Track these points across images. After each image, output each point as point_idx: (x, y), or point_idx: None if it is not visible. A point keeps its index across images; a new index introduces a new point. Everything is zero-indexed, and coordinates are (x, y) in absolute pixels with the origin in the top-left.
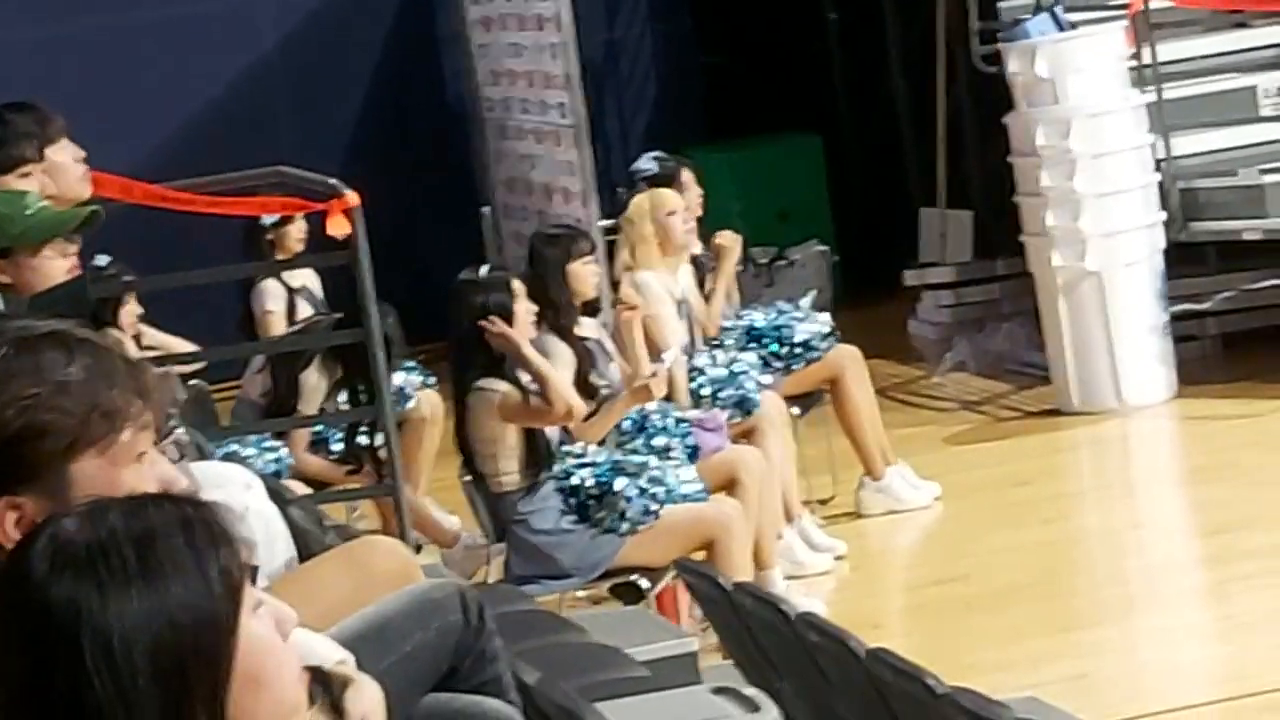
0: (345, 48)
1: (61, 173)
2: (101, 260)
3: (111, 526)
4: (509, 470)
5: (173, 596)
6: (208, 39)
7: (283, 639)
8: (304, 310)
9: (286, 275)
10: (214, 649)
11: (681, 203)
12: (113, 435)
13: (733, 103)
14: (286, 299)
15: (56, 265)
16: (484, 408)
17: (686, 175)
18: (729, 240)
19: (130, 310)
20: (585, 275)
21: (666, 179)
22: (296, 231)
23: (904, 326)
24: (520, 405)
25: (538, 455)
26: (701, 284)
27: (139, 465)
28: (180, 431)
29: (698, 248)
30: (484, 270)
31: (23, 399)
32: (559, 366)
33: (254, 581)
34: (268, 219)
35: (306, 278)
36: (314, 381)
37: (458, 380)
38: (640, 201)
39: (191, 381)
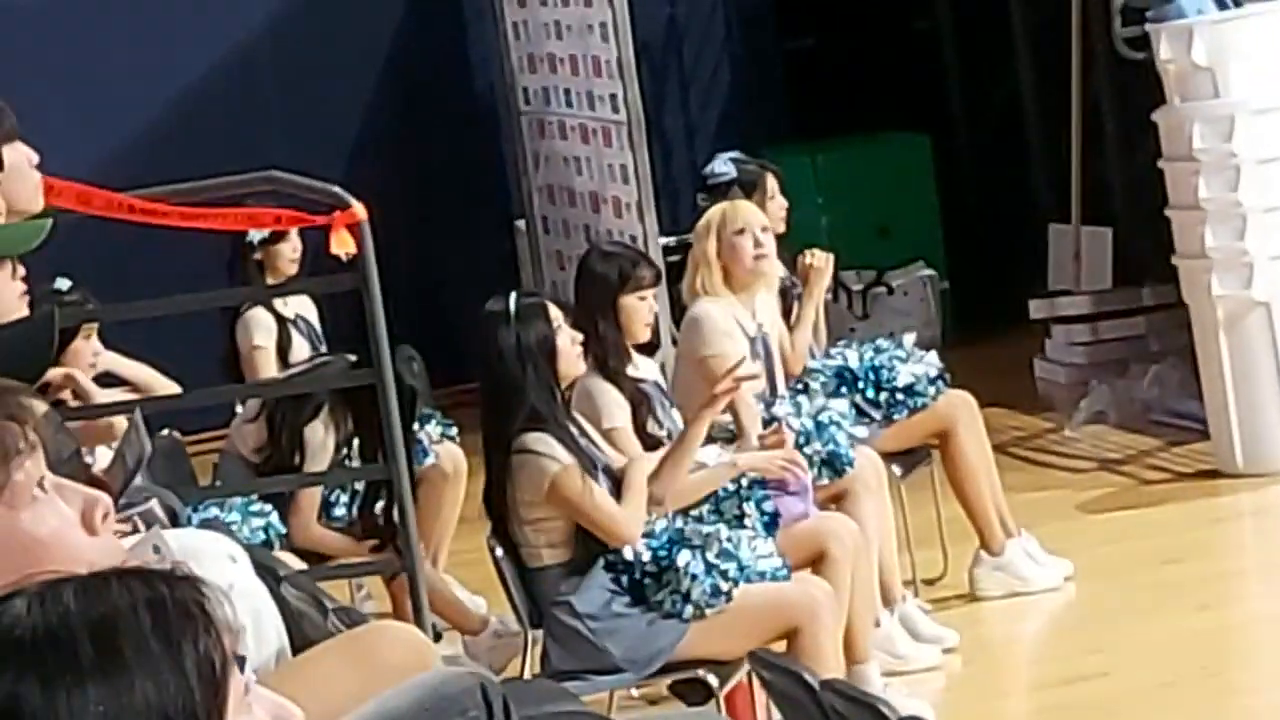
0: (351, 29)
1: (11, 180)
2: (62, 284)
3: (65, 608)
4: (552, 540)
5: (138, 694)
6: (186, 18)
7: None
8: (299, 344)
9: (278, 303)
10: None
11: (760, 219)
12: (1, 478)
13: (820, 95)
14: (278, 331)
15: (8, 290)
16: (533, 474)
17: (772, 183)
18: (820, 260)
19: (91, 348)
20: (639, 313)
21: (747, 186)
22: (290, 250)
23: (1029, 368)
24: (579, 494)
25: None
26: (787, 315)
27: (45, 500)
28: (153, 504)
29: (781, 271)
30: (513, 298)
31: None
32: (615, 414)
33: (241, 672)
34: (255, 235)
35: (301, 306)
36: (320, 437)
37: (491, 431)
38: (711, 214)
39: (162, 431)
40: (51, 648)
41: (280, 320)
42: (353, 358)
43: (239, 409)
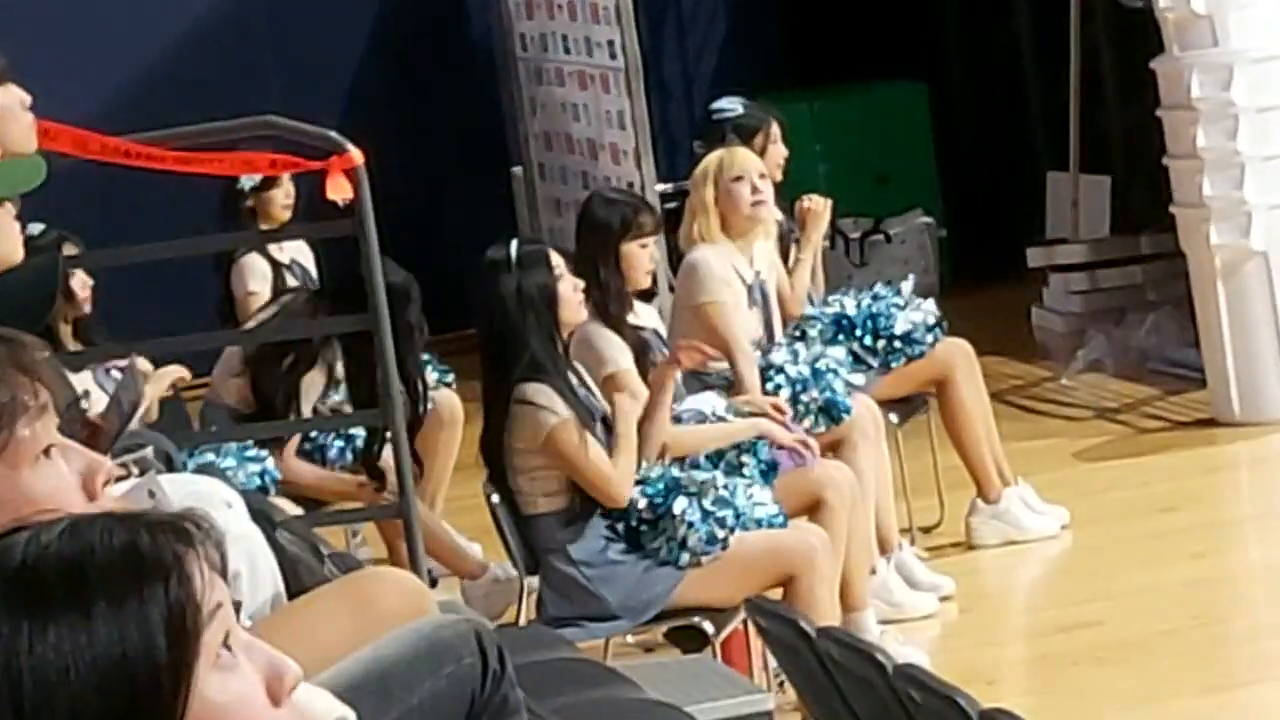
0: None
1: (4, 121)
2: (35, 228)
3: (46, 546)
4: (548, 489)
5: (99, 637)
6: None
7: (274, 701)
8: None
9: (273, 248)
10: (150, 709)
11: (757, 166)
12: (5, 435)
13: (818, 42)
14: (273, 277)
15: (13, 230)
16: (530, 425)
17: (774, 129)
18: (818, 204)
19: (82, 280)
20: (639, 259)
21: (748, 131)
22: (283, 196)
23: (1027, 317)
24: (575, 449)
25: None
26: (785, 258)
27: (46, 462)
28: (148, 449)
29: (776, 217)
30: (514, 246)
31: None
32: (619, 359)
33: (238, 618)
34: (247, 181)
35: (297, 251)
36: (309, 376)
37: (490, 380)
38: (708, 161)
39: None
40: (24, 583)
41: (275, 266)
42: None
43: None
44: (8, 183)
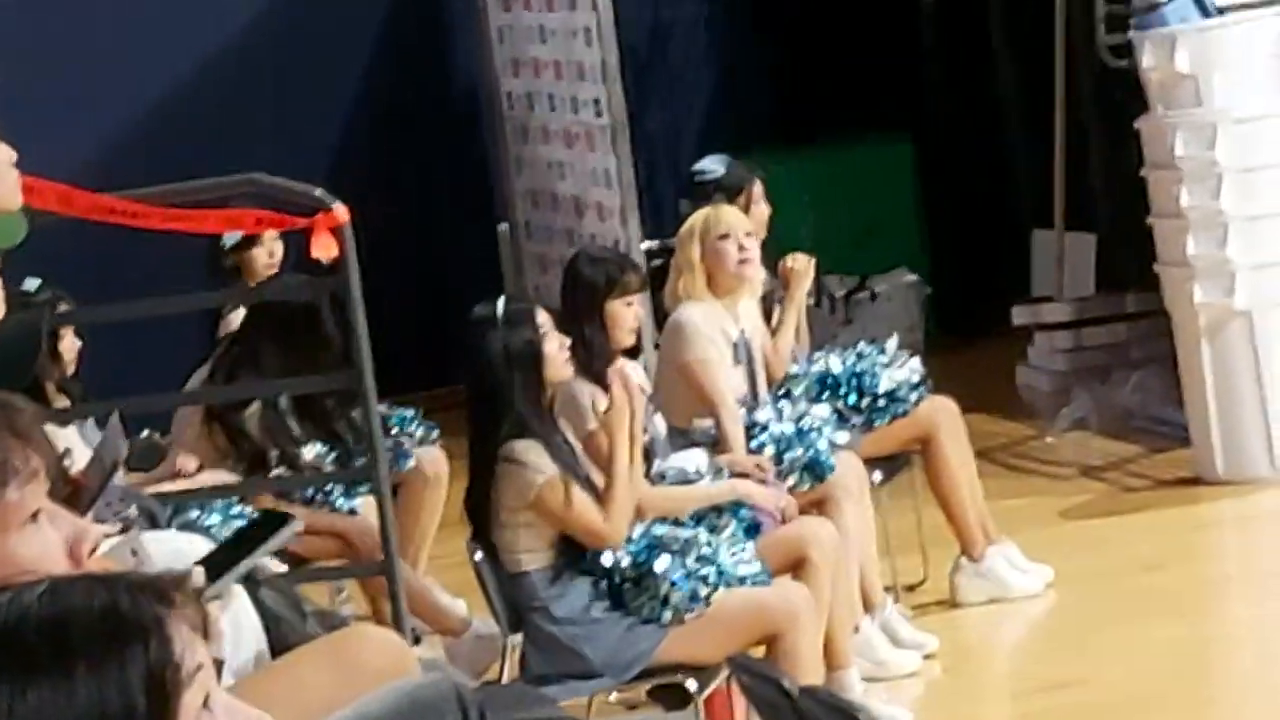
0: (334, 30)
1: None
2: (31, 284)
3: (25, 608)
4: (533, 546)
5: (80, 698)
6: (167, 18)
7: None
8: None
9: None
10: None
11: (744, 224)
12: None
13: (804, 99)
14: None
15: None
16: (517, 482)
17: (756, 188)
18: (800, 264)
19: (69, 345)
20: (624, 318)
21: (732, 190)
22: (265, 255)
23: (1011, 375)
24: (563, 506)
25: None
26: (768, 318)
27: (33, 527)
28: (131, 507)
29: (761, 276)
30: (500, 304)
31: None
32: (592, 417)
33: (219, 677)
34: (229, 239)
35: None
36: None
37: (476, 437)
38: (694, 219)
39: (141, 433)
40: (5, 645)
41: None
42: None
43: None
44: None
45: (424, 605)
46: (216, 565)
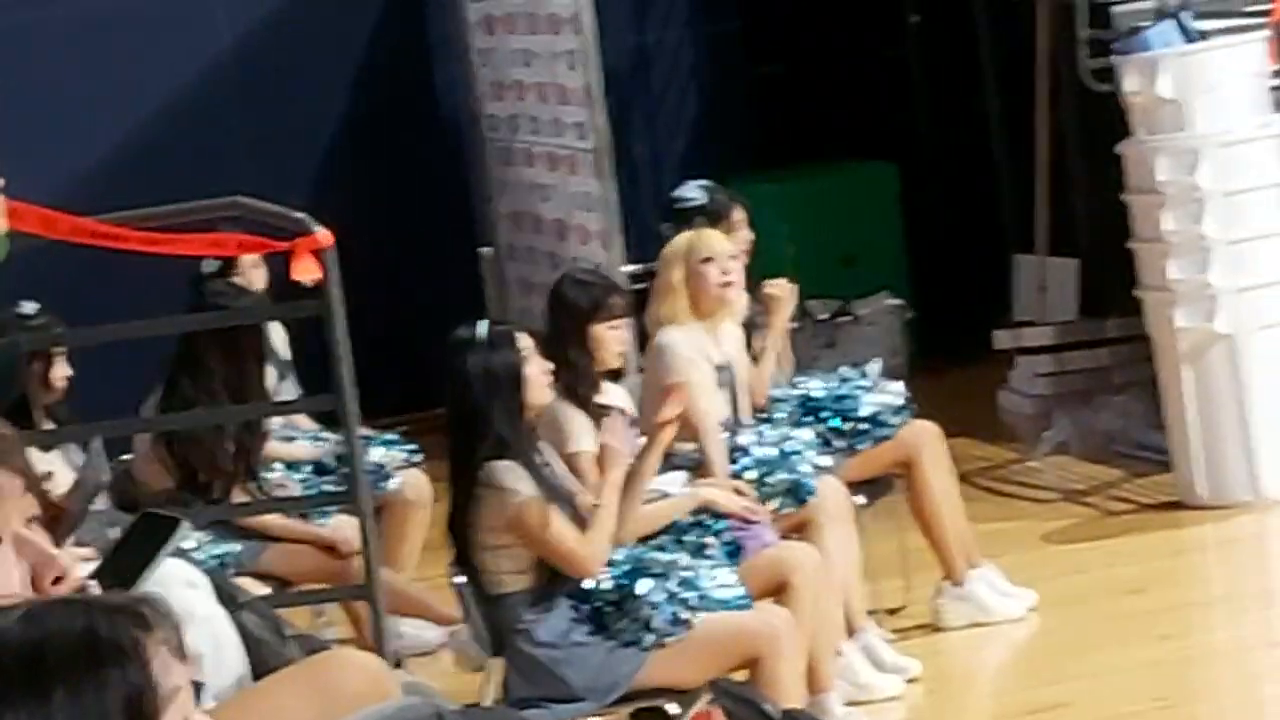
0: (316, 53)
1: None
2: (28, 307)
3: (4, 632)
4: (514, 568)
5: None
6: (150, 40)
7: None
8: (267, 374)
9: None
10: None
11: (727, 248)
12: None
13: (788, 123)
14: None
15: None
16: (496, 503)
17: (738, 215)
18: (782, 290)
19: (60, 373)
20: (609, 341)
21: (714, 215)
22: (243, 281)
23: (994, 399)
24: (541, 528)
25: None
26: (749, 344)
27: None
28: (112, 530)
29: (743, 301)
30: (482, 326)
31: None
32: (582, 439)
33: (199, 699)
34: (207, 265)
35: (273, 330)
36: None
37: (456, 458)
38: (677, 242)
39: (123, 457)
40: None
41: None
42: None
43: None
44: None
45: (411, 604)
46: (114, 575)
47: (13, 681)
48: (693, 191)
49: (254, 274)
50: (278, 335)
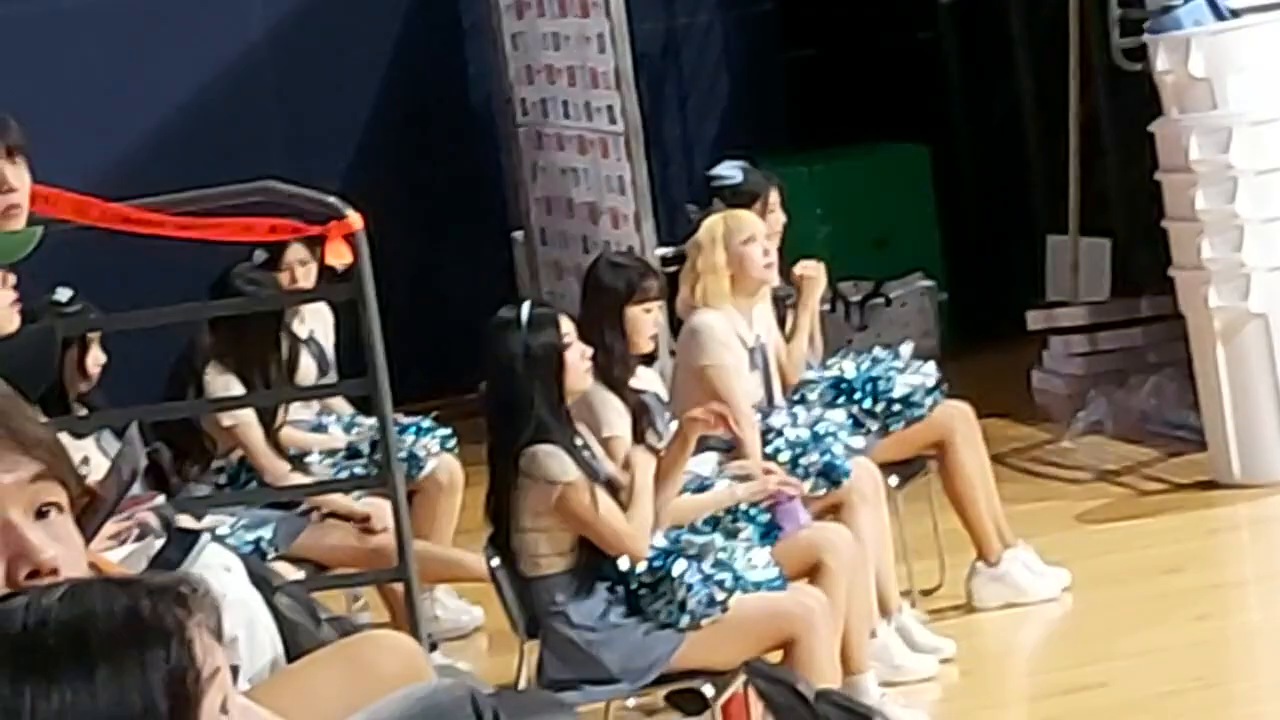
0: (348, 39)
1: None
2: (63, 294)
3: (46, 610)
4: (553, 550)
5: (100, 701)
6: (184, 26)
7: None
8: (306, 365)
9: (294, 322)
10: None
11: (763, 228)
12: None
13: (820, 105)
14: (288, 348)
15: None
16: (541, 487)
17: (774, 196)
18: (813, 270)
19: (95, 359)
20: (644, 324)
21: (750, 195)
22: (286, 280)
23: (1027, 379)
24: (588, 509)
25: None
26: (782, 324)
27: None
28: (148, 514)
29: (775, 281)
30: (525, 308)
31: None
32: (615, 423)
33: (235, 683)
34: (257, 256)
35: (317, 328)
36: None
37: (496, 441)
38: (714, 224)
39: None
40: (26, 648)
41: (292, 338)
42: None
43: None
44: (7, 251)
45: (445, 564)
46: None
47: (56, 661)
48: (728, 169)
49: (300, 271)
50: (321, 328)
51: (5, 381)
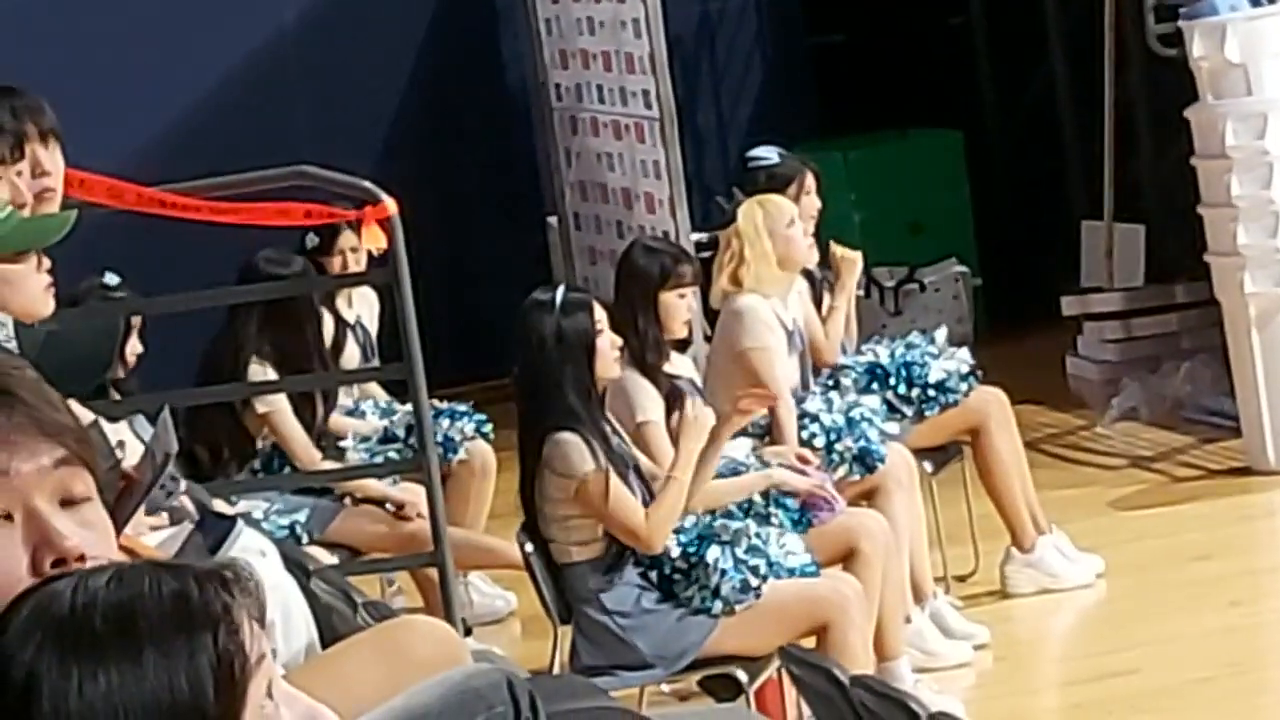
0: (382, 23)
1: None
2: (111, 279)
3: (94, 592)
4: (582, 538)
5: (148, 684)
6: (216, 11)
7: None
8: (351, 350)
9: (341, 306)
10: None
11: (796, 211)
12: None
13: (853, 90)
14: (334, 332)
15: (33, 282)
16: (562, 477)
17: (810, 181)
18: (850, 254)
19: (134, 347)
20: (678, 309)
21: (785, 179)
22: (339, 265)
23: (1061, 365)
24: (604, 500)
25: None
26: (818, 305)
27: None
28: (184, 499)
29: (812, 262)
30: (559, 291)
31: None
32: (649, 409)
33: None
34: (310, 243)
35: (364, 313)
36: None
37: (524, 424)
38: (752, 211)
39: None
40: (74, 629)
41: (339, 322)
42: None
43: None
44: (30, 237)
45: (480, 552)
46: None
47: (104, 642)
48: (766, 152)
49: (351, 257)
50: (368, 314)
51: (63, 368)
